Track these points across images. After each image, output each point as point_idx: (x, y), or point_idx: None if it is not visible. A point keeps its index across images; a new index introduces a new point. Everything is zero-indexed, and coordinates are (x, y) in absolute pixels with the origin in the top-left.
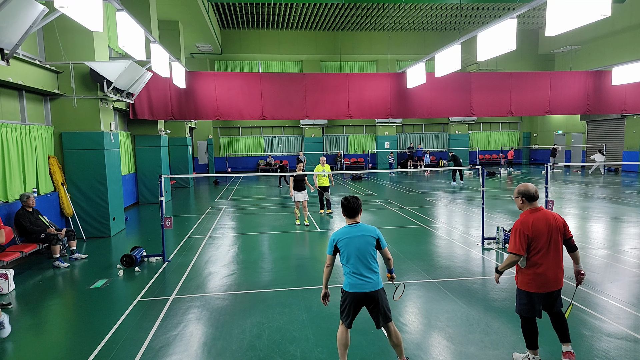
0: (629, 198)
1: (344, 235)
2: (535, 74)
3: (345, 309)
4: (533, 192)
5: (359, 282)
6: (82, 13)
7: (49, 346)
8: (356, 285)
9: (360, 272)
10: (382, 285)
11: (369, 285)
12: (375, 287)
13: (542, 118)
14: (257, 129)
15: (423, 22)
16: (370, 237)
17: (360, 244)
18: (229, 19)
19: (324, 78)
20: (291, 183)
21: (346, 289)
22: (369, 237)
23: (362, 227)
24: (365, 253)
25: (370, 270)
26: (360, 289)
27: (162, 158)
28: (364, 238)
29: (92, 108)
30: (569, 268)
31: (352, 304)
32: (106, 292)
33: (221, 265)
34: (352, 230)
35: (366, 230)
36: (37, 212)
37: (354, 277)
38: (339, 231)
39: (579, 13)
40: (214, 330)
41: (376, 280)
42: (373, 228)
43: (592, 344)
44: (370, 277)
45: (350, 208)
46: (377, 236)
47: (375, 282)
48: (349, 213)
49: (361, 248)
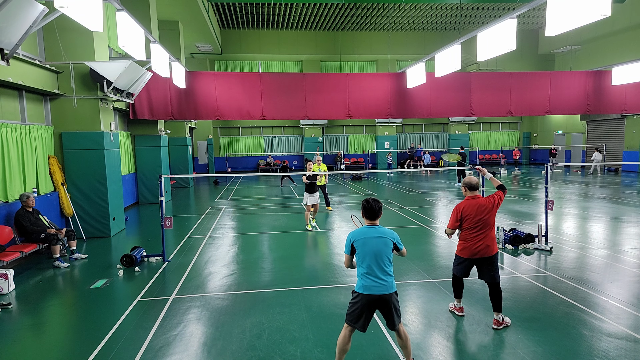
0: (629, 198)
1: (361, 236)
2: (535, 74)
3: (356, 311)
4: (474, 183)
5: (373, 284)
6: (82, 13)
7: (49, 346)
8: (370, 288)
9: (375, 273)
10: (395, 289)
11: (383, 287)
12: (389, 290)
13: (542, 118)
14: (257, 129)
15: (423, 22)
16: (388, 239)
17: (377, 245)
18: (229, 19)
19: (324, 78)
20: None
21: (359, 290)
22: (386, 239)
23: (380, 229)
24: (382, 255)
25: (385, 273)
26: (375, 292)
27: (162, 158)
28: (382, 240)
29: (92, 108)
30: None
31: (364, 306)
32: (106, 292)
33: (221, 265)
34: (369, 231)
35: (384, 233)
36: (37, 212)
37: (368, 279)
38: (356, 231)
39: (579, 13)
40: (214, 330)
41: (390, 283)
42: (391, 231)
43: (592, 344)
44: (385, 280)
45: (371, 210)
46: (394, 239)
47: (389, 285)
48: (369, 215)
49: (378, 250)
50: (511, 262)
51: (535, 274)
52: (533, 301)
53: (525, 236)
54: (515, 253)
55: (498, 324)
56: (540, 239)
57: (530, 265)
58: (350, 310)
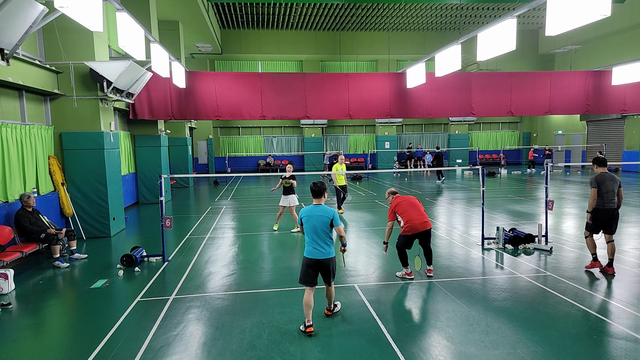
0: (629, 198)
1: (307, 213)
2: (535, 74)
3: (302, 270)
4: (395, 190)
5: (314, 250)
6: (82, 13)
7: (49, 346)
8: (312, 252)
9: (316, 242)
10: (333, 255)
11: (322, 254)
12: (327, 255)
13: (542, 118)
14: (257, 129)
15: (423, 22)
16: (326, 217)
17: (317, 220)
18: (229, 19)
19: (324, 78)
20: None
21: (305, 255)
22: (324, 217)
23: (322, 208)
24: (320, 228)
25: (324, 243)
26: (315, 256)
27: (162, 158)
28: (321, 217)
29: (92, 108)
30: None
31: (308, 267)
32: (106, 292)
33: (221, 265)
34: (314, 209)
35: (324, 211)
36: (37, 212)
37: (310, 246)
38: (305, 209)
39: (579, 13)
40: (214, 330)
41: (327, 250)
42: (331, 210)
43: (592, 344)
44: (323, 248)
45: (316, 191)
46: (331, 217)
47: (326, 252)
48: (315, 195)
49: (318, 224)
50: (511, 262)
51: (535, 274)
52: (533, 301)
53: (525, 236)
54: (515, 253)
55: (430, 272)
56: (540, 239)
57: (530, 265)
58: (301, 272)
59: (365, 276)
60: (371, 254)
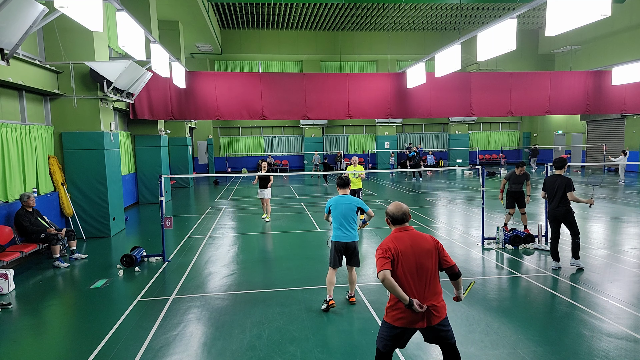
0: (629, 198)
1: (335, 202)
2: (535, 74)
3: (332, 254)
4: (400, 208)
5: (342, 234)
6: (82, 13)
7: (49, 346)
8: (339, 237)
9: (344, 227)
10: (357, 239)
11: (348, 237)
12: (352, 239)
13: (542, 118)
14: (257, 129)
15: (423, 22)
16: (353, 204)
17: (344, 208)
18: (229, 19)
19: (323, 78)
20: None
21: (333, 239)
22: (351, 204)
23: (348, 197)
24: (347, 215)
25: (350, 227)
26: (342, 239)
27: (162, 158)
28: (348, 205)
29: (92, 108)
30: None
31: (337, 250)
32: (106, 292)
33: (221, 265)
34: (341, 198)
35: (350, 200)
36: (37, 212)
37: (339, 230)
38: (333, 198)
39: (579, 13)
40: (214, 330)
41: (353, 234)
42: (356, 199)
43: (592, 344)
44: (350, 231)
45: (343, 183)
46: (358, 204)
47: (352, 236)
48: (341, 186)
49: (345, 211)
50: (511, 262)
51: (535, 274)
52: (533, 301)
53: (525, 236)
54: (516, 253)
55: None
56: (540, 239)
57: (530, 265)
58: (330, 256)
59: (365, 276)
60: (371, 254)
